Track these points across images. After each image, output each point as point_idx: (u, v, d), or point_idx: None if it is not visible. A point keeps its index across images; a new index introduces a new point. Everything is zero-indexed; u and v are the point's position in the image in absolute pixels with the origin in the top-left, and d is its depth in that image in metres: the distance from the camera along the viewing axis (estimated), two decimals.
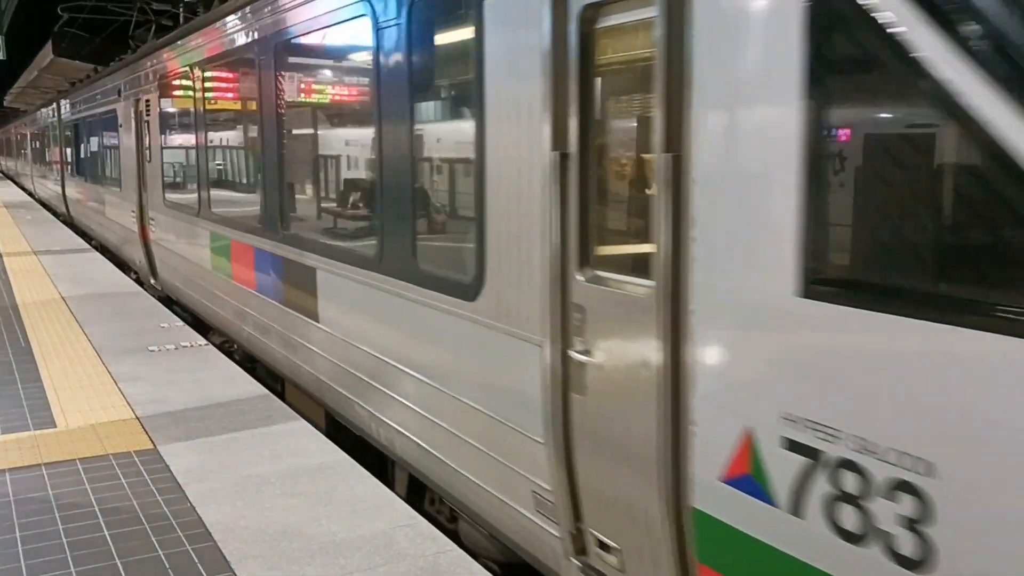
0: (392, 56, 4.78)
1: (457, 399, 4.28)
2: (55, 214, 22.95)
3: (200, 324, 9.53)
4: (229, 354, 7.98)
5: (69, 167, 21.23)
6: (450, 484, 4.43)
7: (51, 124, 25.53)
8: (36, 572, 3.72)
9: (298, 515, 4.23)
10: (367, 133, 5.23)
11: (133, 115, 12.41)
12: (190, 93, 9.34)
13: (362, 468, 4.81)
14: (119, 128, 13.70)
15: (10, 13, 25.94)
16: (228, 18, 7.92)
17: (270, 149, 6.93)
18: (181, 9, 15.98)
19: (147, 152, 11.64)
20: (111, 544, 3.95)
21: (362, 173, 5.51)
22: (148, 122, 11.51)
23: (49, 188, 26.85)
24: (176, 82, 10.09)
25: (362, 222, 5.49)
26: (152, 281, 11.95)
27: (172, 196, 10.48)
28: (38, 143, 31.27)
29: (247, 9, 7.33)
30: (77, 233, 18.34)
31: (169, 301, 10.86)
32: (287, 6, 6.39)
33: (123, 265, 14.01)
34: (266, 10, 6.85)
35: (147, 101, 11.59)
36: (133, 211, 12.69)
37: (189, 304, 10.00)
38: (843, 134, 2.37)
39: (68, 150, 21.37)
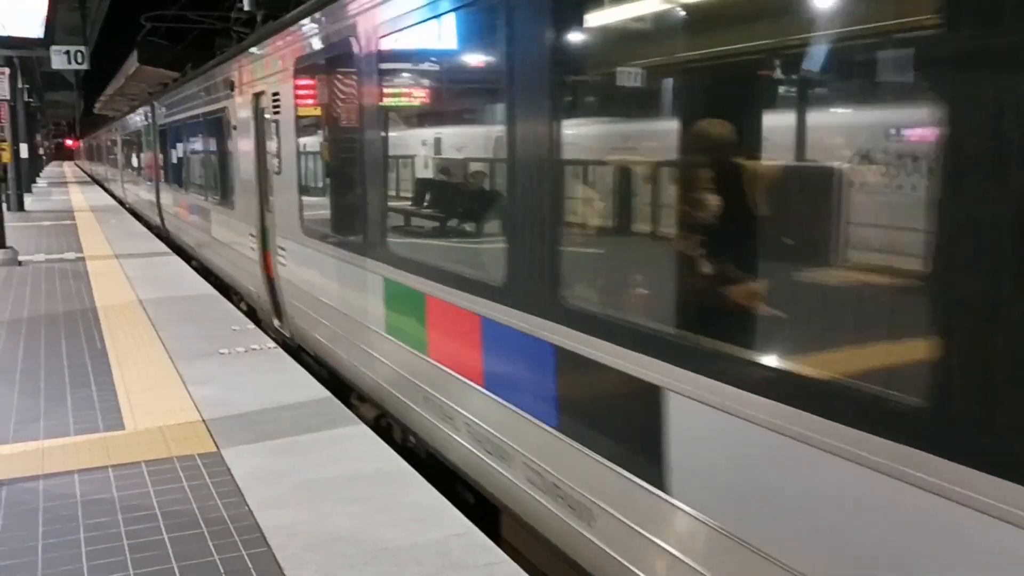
0: None
1: None
2: (148, 226, 21.47)
3: (332, 379, 7.51)
4: (384, 432, 6.28)
5: (164, 175, 19.08)
6: None
7: (143, 128, 23.37)
8: (97, 573, 3.77)
9: (355, 521, 4.20)
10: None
11: (252, 113, 9.89)
12: (354, 79, 6.37)
13: (420, 475, 4.76)
14: (231, 130, 11.16)
15: (98, 25, 26.95)
16: None
17: (536, 155, 3.93)
18: (260, 16, 16.24)
19: (274, 161, 8.87)
20: (169, 547, 3.98)
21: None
22: (277, 122, 8.71)
23: (141, 197, 24.89)
24: (330, 64, 7.16)
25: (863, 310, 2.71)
26: (277, 324, 9.52)
27: (318, 222, 7.74)
28: (128, 148, 29.05)
29: None
30: (173, 249, 16.40)
31: (283, 345, 8.57)
32: None
33: (223, 286, 12.37)
34: None
35: (275, 95, 8.77)
36: (251, 235, 10.22)
37: (335, 365, 7.49)
38: None
39: (163, 156, 19.13)
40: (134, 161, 27.02)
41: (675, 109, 3.46)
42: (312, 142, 8.05)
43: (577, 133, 3.90)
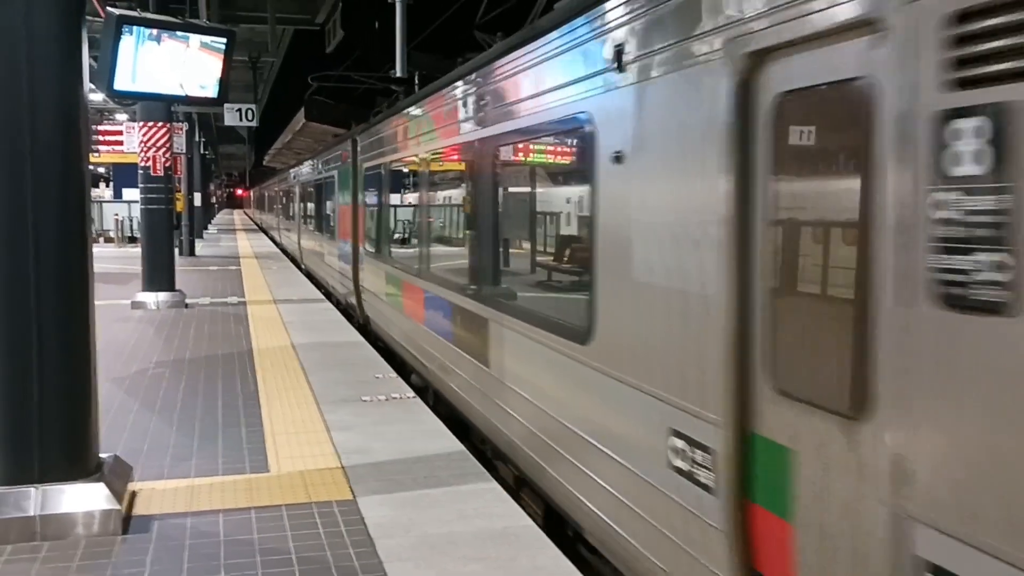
0: None
1: None
2: (328, 296, 16.83)
3: None
4: None
5: (369, 238, 13.22)
6: None
7: (338, 173, 17.09)
8: None
9: None
10: None
11: (738, 114, 3.46)
12: None
13: (546, 537, 4.73)
14: (593, 163, 4.85)
15: (269, 85, 28.81)
16: None
17: None
18: (417, 79, 16.93)
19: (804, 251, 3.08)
20: None
21: None
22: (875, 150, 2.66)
23: (326, 261, 18.83)
24: None
25: None
26: None
27: None
28: (311, 198, 22.73)
29: None
30: (373, 344, 11.61)
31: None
32: None
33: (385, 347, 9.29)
34: None
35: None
36: (664, 440, 4.02)
37: None
38: None
39: (372, 211, 13.04)
40: (319, 215, 20.89)
41: None
42: None
43: None
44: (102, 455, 5.18)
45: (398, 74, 13.16)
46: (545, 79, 5.66)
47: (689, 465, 3.81)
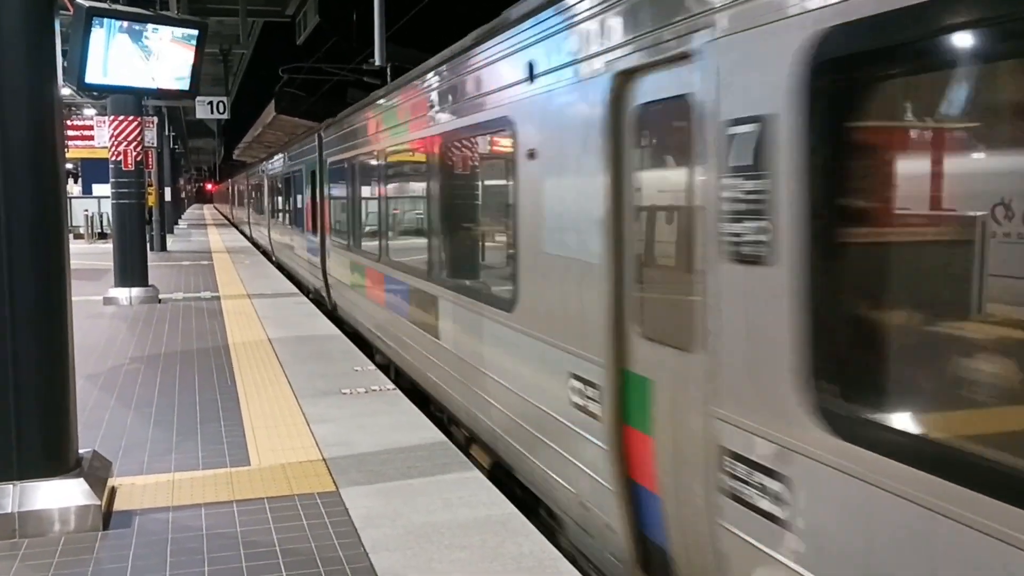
0: None
1: None
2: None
3: None
4: None
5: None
6: None
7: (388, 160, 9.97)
8: None
9: (463, 569, 4.22)
10: None
11: None
12: None
13: (530, 524, 4.76)
14: None
15: (239, 77, 28.49)
16: None
17: None
18: (389, 68, 16.84)
19: None
20: None
21: None
22: None
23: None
24: None
25: None
26: None
27: None
28: (313, 197, 16.19)
29: None
30: None
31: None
32: None
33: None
34: None
35: None
36: None
37: None
38: None
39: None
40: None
41: None
42: None
43: None
44: (81, 451, 5.13)
45: (377, 63, 13.04)
46: None
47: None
